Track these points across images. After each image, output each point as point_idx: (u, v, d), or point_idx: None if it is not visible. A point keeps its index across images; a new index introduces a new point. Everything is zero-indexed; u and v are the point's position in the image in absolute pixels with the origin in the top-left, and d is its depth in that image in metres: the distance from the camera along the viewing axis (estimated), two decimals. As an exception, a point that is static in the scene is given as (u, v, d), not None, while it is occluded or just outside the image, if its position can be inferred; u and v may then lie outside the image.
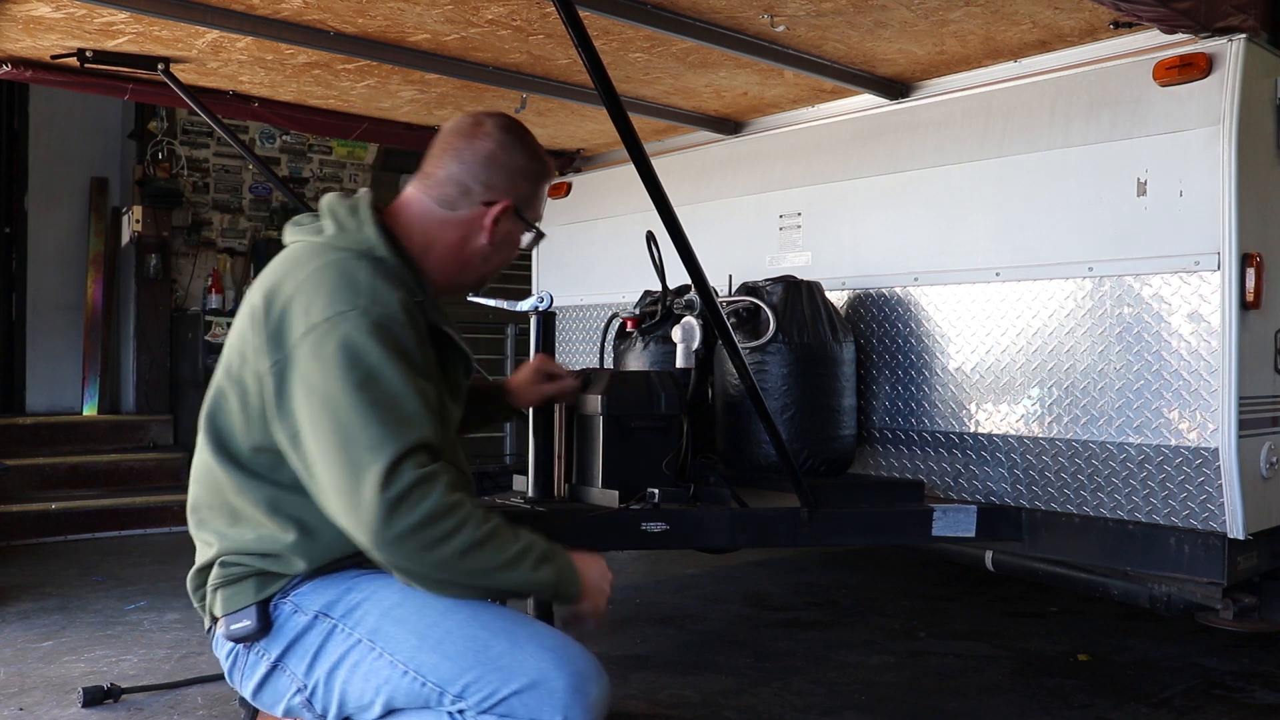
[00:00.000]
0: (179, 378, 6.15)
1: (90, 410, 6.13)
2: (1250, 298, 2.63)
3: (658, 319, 3.38)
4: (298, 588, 1.64)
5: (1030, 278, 3.01)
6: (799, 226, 3.68)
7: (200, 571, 1.72)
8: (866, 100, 3.52)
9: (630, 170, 2.22)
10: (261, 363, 1.59)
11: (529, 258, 4.80)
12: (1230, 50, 2.65)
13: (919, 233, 3.31)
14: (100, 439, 5.92)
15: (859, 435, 3.32)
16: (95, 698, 2.74)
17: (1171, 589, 2.90)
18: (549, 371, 2.35)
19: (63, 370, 6.25)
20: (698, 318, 3.16)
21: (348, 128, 4.13)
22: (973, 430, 3.15)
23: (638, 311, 3.46)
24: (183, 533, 5.54)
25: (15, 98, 6.25)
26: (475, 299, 2.52)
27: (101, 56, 3.21)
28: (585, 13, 2.36)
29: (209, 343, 5.80)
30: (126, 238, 6.22)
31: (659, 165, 2.21)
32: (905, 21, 2.85)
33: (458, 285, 1.83)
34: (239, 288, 6.32)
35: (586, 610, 1.66)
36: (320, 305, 1.55)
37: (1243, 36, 2.64)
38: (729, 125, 4.02)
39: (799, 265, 3.62)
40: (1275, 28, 2.83)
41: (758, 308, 3.11)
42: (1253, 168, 2.67)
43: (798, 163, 3.73)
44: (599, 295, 4.37)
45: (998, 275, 3.10)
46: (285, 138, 6.70)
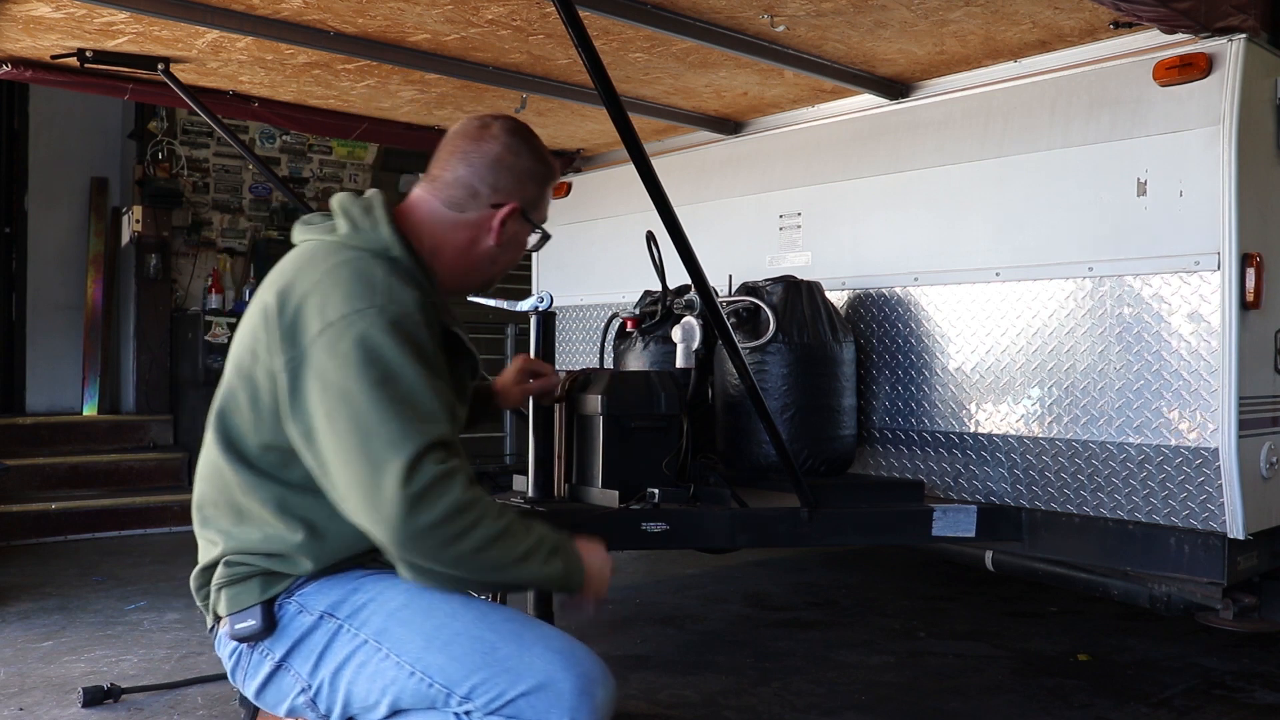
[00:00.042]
0: (179, 378, 6.14)
1: (90, 410, 6.13)
2: (1250, 298, 2.63)
3: (658, 319, 3.38)
4: (302, 588, 1.64)
5: (1030, 278, 3.01)
6: (799, 226, 3.68)
7: (204, 570, 1.72)
8: (866, 100, 3.52)
9: (630, 170, 2.22)
10: (275, 360, 1.59)
11: (530, 258, 4.80)
12: (1230, 50, 2.65)
13: (919, 233, 3.31)
14: (100, 439, 5.92)
15: (859, 435, 3.32)
16: (95, 698, 2.74)
17: (1171, 589, 2.90)
18: (533, 370, 2.36)
19: (63, 370, 6.25)
20: (698, 318, 3.16)
21: (348, 128, 4.12)
22: (973, 430, 3.15)
23: (638, 311, 3.46)
24: (183, 533, 5.57)
25: (15, 98, 6.25)
26: (475, 299, 2.52)
27: (101, 56, 3.21)
28: (585, 13, 2.36)
29: (209, 343, 5.80)
30: (126, 238, 6.22)
31: (659, 165, 2.21)
32: (905, 21, 2.85)
33: (465, 286, 1.86)
34: (239, 288, 6.32)
35: (588, 596, 1.68)
36: (336, 303, 1.56)
37: (1243, 36, 2.64)
38: (729, 125, 4.02)
39: (799, 265, 3.62)
40: (1275, 28, 2.83)
41: (758, 308, 3.11)
42: (1253, 168, 2.67)
43: (798, 163, 3.73)
44: (599, 295, 4.37)
45: (998, 275, 3.10)
46: (285, 138, 6.70)
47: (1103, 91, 2.90)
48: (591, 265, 4.46)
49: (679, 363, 3.18)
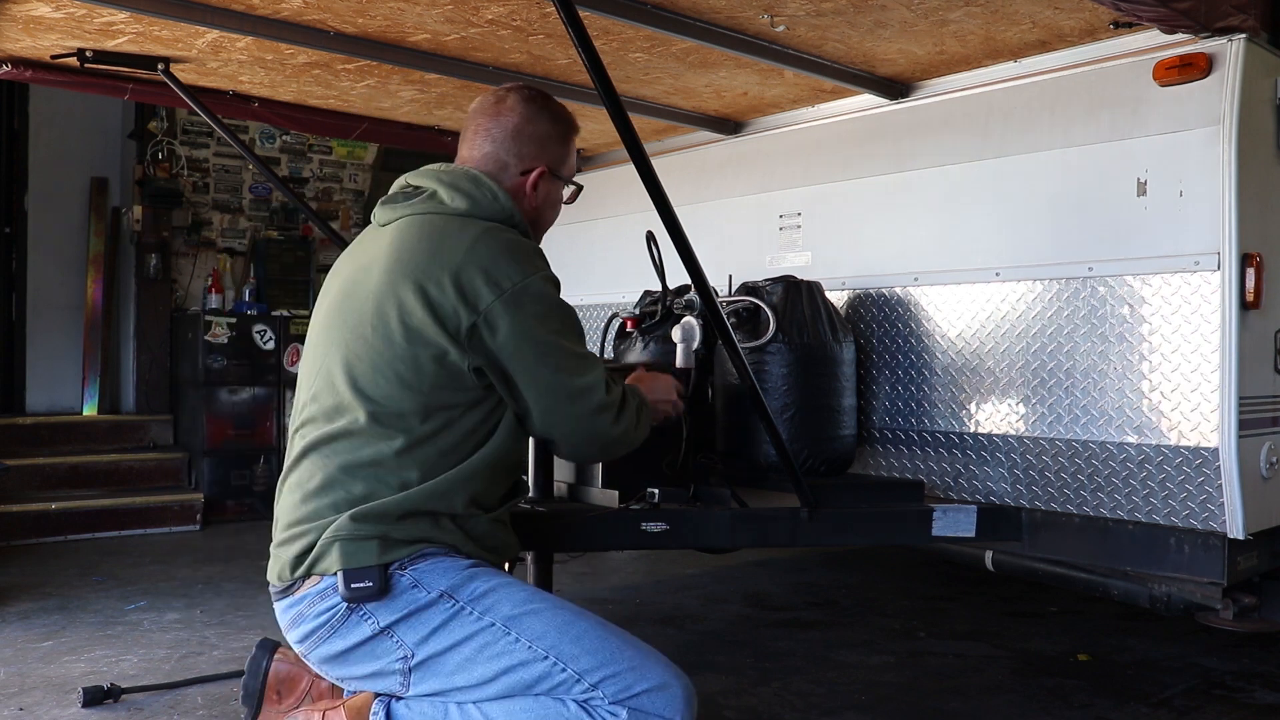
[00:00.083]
0: (179, 378, 6.14)
1: (90, 410, 6.12)
2: (1250, 298, 2.63)
3: (658, 319, 3.37)
4: (416, 563, 1.74)
5: (1030, 278, 3.01)
6: (799, 226, 3.68)
7: (300, 524, 1.77)
8: (866, 100, 3.52)
9: (630, 170, 2.22)
10: (448, 328, 1.74)
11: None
12: (1230, 50, 2.65)
13: (919, 233, 3.31)
14: (100, 439, 5.91)
15: (859, 435, 3.32)
16: (95, 698, 2.74)
17: (1171, 589, 2.90)
18: None
19: (63, 370, 6.25)
20: (698, 318, 3.15)
21: (348, 128, 4.13)
22: (973, 430, 3.15)
23: (638, 311, 3.46)
24: (183, 532, 5.58)
25: (15, 98, 6.24)
26: None
27: (101, 56, 3.21)
28: (585, 13, 2.36)
29: (209, 343, 5.79)
30: (126, 238, 6.22)
31: (659, 165, 2.22)
32: (905, 21, 2.85)
33: None
34: (239, 288, 6.31)
35: (659, 418, 2.18)
36: (506, 271, 1.76)
37: (1243, 36, 2.65)
38: (729, 125, 4.02)
39: (799, 265, 3.62)
40: (1275, 28, 2.83)
41: (758, 308, 3.11)
42: (1253, 168, 2.67)
43: (798, 163, 3.73)
44: (599, 295, 4.37)
45: (998, 275, 3.10)
46: (285, 138, 6.69)
47: (1103, 91, 2.90)
48: (591, 265, 4.46)
49: (679, 363, 3.18)
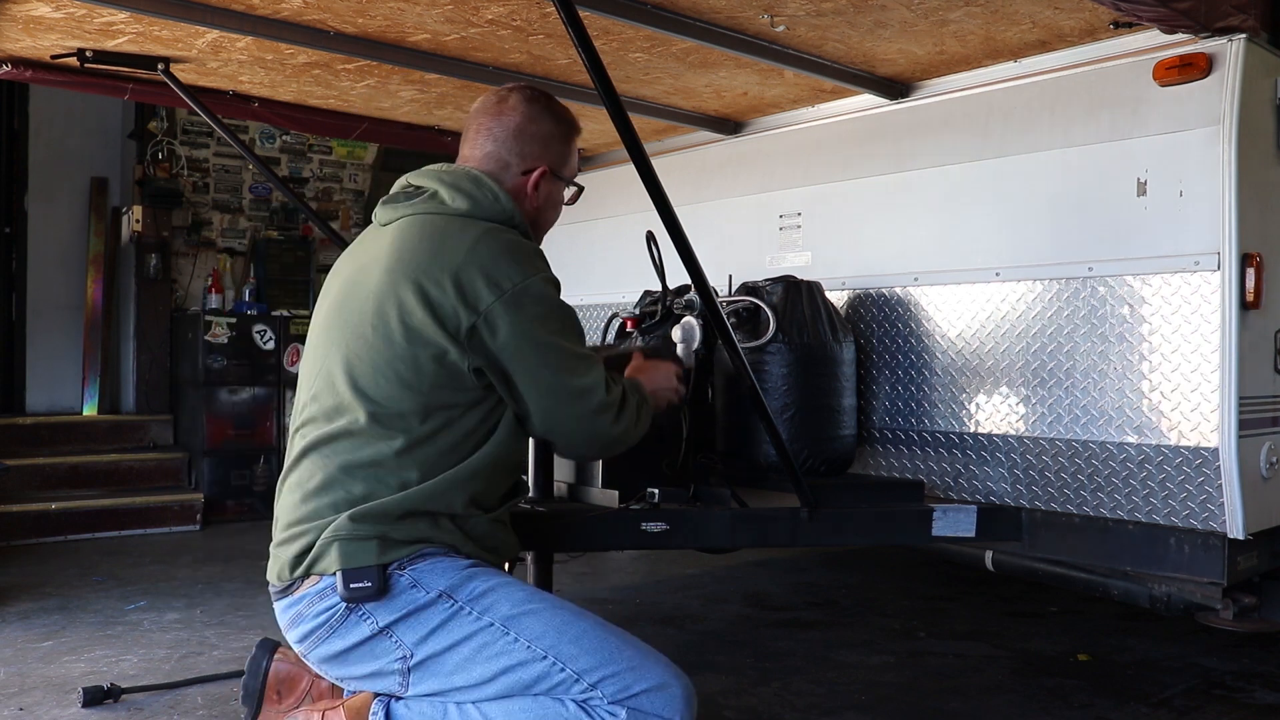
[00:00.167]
0: (179, 378, 6.14)
1: (90, 410, 6.12)
2: (1250, 298, 2.63)
3: (658, 319, 3.37)
4: (415, 563, 1.73)
5: (1030, 278, 3.01)
6: (799, 226, 3.68)
7: (299, 524, 1.77)
8: (866, 100, 3.52)
9: (630, 170, 2.22)
10: (447, 328, 1.73)
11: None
12: (1230, 50, 2.65)
13: (919, 233, 3.30)
14: (100, 439, 5.91)
15: (859, 435, 3.32)
16: (95, 698, 2.74)
17: (1171, 589, 2.90)
18: None
19: (63, 370, 6.25)
20: (698, 318, 3.15)
21: (348, 128, 4.13)
22: (973, 430, 3.15)
23: (638, 311, 3.46)
24: (182, 532, 5.58)
25: (15, 98, 6.24)
26: None
27: (101, 56, 3.21)
28: (585, 13, 2.36)
29: (209, 343, 5.79)
30: (126, 238, 6.22)
31: (659, 165, 2.22)
32: (905, 21, 2.85)
33: None
34: (239, 288, 6.31)
35: (662, 407, 2.19)
36: (507, 271, 1.77)
37: (1243, 36, 2.65)
38: (729, 125, 4.02)
39: (799, 265, 3.62)
40: (1275, 28, 2.83)
41: (758, 308, 3.11)
42: (1253, 168, 2.67)
43: (798, 163, 3.73)
44: (599, 295, 4.37)
45: (998, 275, 3.10)
46: (285, 138, 6.69)
47: (1103, 91, 2.90)
48: (591, 265, 4.46)
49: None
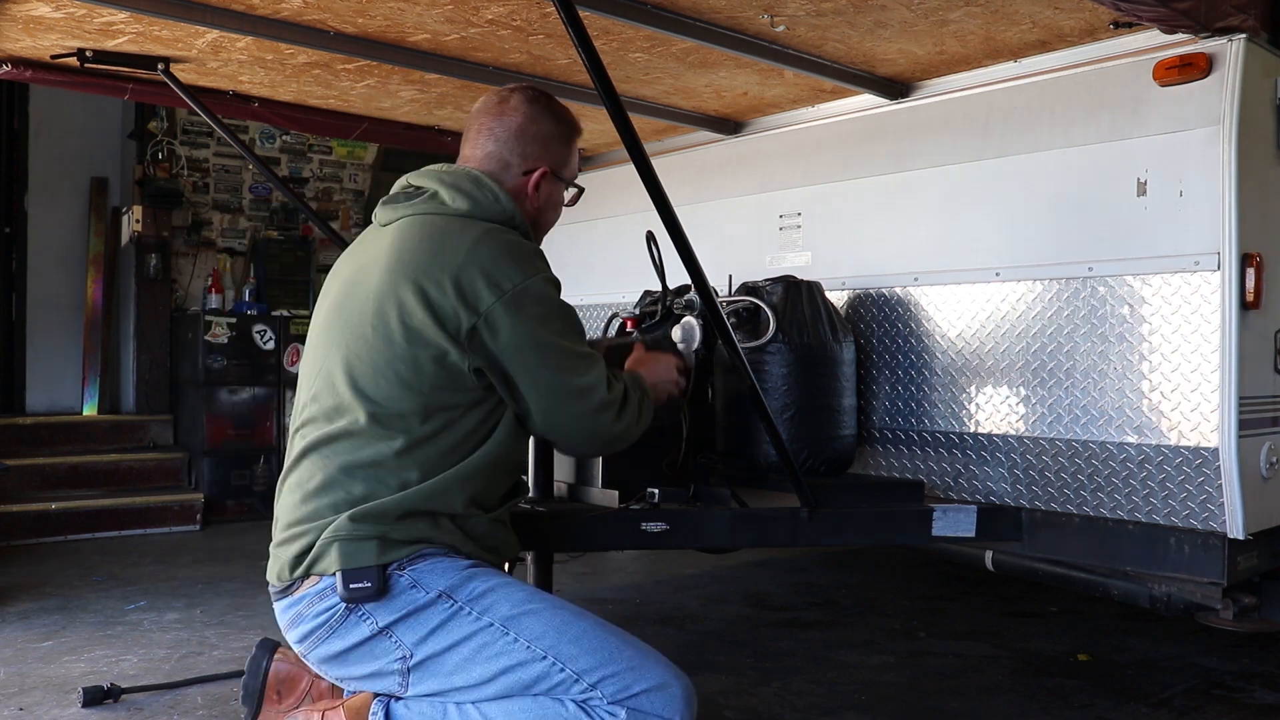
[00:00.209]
0: (179, 378, 6.14)
1: (90, 410, 6.12)
2: (1250, 298, 2.63)
3: (658, 319, 3.37)
4: (415, 563, 1.73)
5: (1030, 278, 3.01)
6: (799, 226, 3.68)
7: (300, 524, 1.77)
8: (866, 100, 3.52)
9: (630, 170, 2.22)
10: (448, 328, 1.73)
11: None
12: (1230, 50, 2.65)
13: (919, 233, 3.30)
14: (100, 439, 5.91)
15: (859, 435, 3.32)
16: (95, 698, 2.74)
17: (1171, 589, 2.90)
18: None
19: (63, 370, 6.25)
20: (698, 318, 3.15)
21: (348, 128, 4.12)
22: (973, 430, 3.15)
23: (638, 311, 3.46)
24: (182, 532, 5.58)
25: (15, 98, 6.24)
26: None
27: (101, 56, 3.21)
28: (585, 13, 2.36)
29: (209, 343, 5.79)
30: (126, 238, 6.21)
31: (659, 165, 2.22)
32: (905, 21, 2.85)
33: None
34: (239, 288, 6.31)
35: (662, 398, 2.22)
36: (507, 272, 1.76)
37: (1243, 36, 2.64)
38: (729, 125, 4.02)
39: (799, 265, 3.62)
40: (1275, 28, 2.83)
41: (758, 308, 3.11)
42: (1253, 168, 2.67)
43: (798, 163, 3.73)
44: (599, 295, 4.37)
45: (998, 275, 3.10)
46: (285, 138, 6.69)
47: (1103, 91, 2.89)
48: (591, 265, 4.46)
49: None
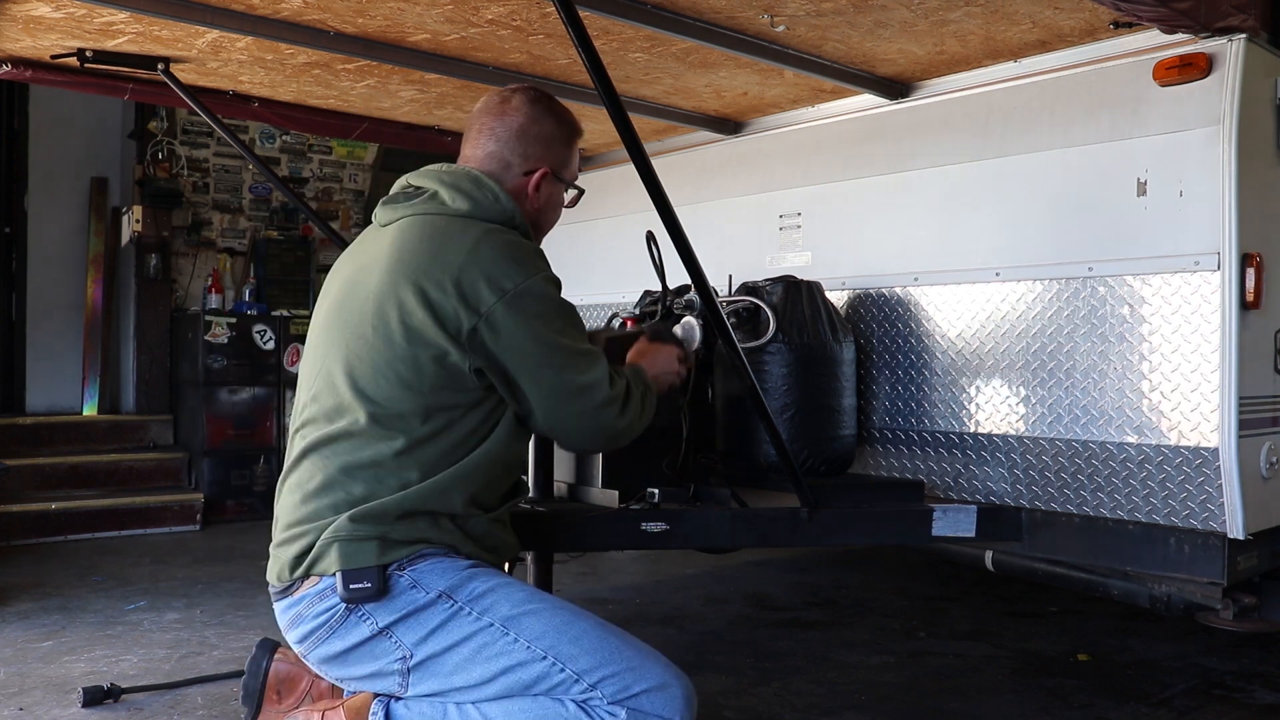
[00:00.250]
0: (179, 378, 6.14)
1: (90, 410, 6.12)
2: (1250, 298, 2.63)
3: (658, 319, 3.37)
4: (415, 564, 1.73)
5: (1030, 278, 3.01)
6: (799, 226, 3.68)
7: (300, 525, 1.77)
8: (866, 100, 3.52)
9: (630, 170, 2.22)
10: (448, 329, 1.74)
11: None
12: (1230, 50, 2.65)
13: (919, 233, 3.30)
14: (100, 439, 5.91)
15: (859, 435, 3.32)
16: (95, 698, 2.74)
17: (1171, 589, 2.90)
18: None
19: (63, 370, 6.25)
20: (698, 318, 3.15)
21: (348, 128, 4.12)
22: (973, 430, 3.15)
23: (638, 311, 3.46)
24: (182, 532, 5.57)
25: (15, 98, 6.24)
26: None
27: (101, 56, 3.21)
28: (585, 13, 2.36)
29: (209, 342, 5.79)
30: (126, 238, 6.22)
31: (659, 165, 2.22)
32: (905, 21, 2.85)
33: None
34: (239, 288, 6.31)
35: (664, 390, 2.21)
36: (508, 272, 1.77)
37: (1243, 36, 2.64)
38: (729, 125, 4.02)
39: (799, 265, 3.62)
40: (1275, 28, 2.83)
41: (758, 308, 3.11)
42: (1253, 168, 2.67)
43: (798, 163, 3.73)
44: (599, 295, 4.37)
45: (998, 275, 3.09)
46: (285, 138, 6.69)
47: (1103, 91, 2.89)
48: (591, 265, 4.46)
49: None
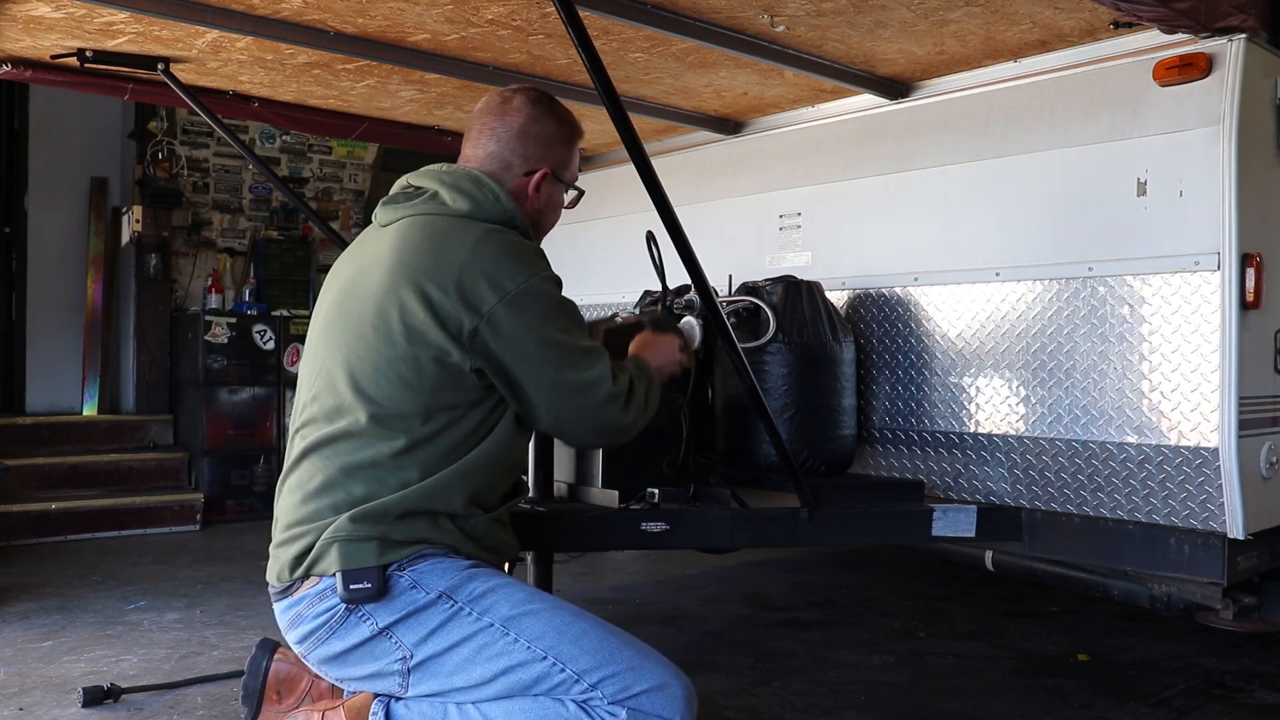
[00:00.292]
0: (179, 378, 6.14)
1: (90, 410, 6.12)
2: (1250, 298, 2.63)
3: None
4: (415, 564, 1.73)
5: (1030, 278, 3.01)
6: (799, 226, 3.68)
7: (300, 525, 1.76)
8: (866, 100, 3.52)
9: (630, 170, 2.22)
10: (449, 329, 1.74)
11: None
12: (1230, 50, 2.65)
13: (919, 233, 3.30)
14: (100, 439, 5.91)
15: (859, 435, 3.32)
16: (95, 698, 2.74)
17: (1171, 589, 2.90)
18: None
19: (63, 370, 6.25)
20: (698, 318, 3.16)
21: (348, 128, 4.12)
22: (973, 430, 3.15)
23: (638, 311, 3.46)
24: (182, 532, 5.57)
25: (15, 98, 6.24)
26: None
27: (101, 56, 3.21)
28: (585, 13, 2.36)
29: (209, 342, 5.79)
30: (126, 238, 6.22)
31: (659, 165, 2.22)
32: (905, 21, 2.85)
33: None
34: (239, 288, 6.31)
35: (668, 377, 2.22)
36: (509, 272, 1.77)
37: (1243, 36, 2.64)
38: (729, 125, 4.02)
39: (799, 265, 3.62)
40: (1275, 28, 2.83)
41: (758, 308, 3.11)
42: (1253, 168, 2.67)
43: (798, 163, 3.73)
44: (599, 295, 4.37)
45: (998, 275, 3.10)
46: (285, 138, 6.69)
47: (1103, 91, 2.89)
48: (591, 265, 4.46)
49: (676, 373, 3.18)
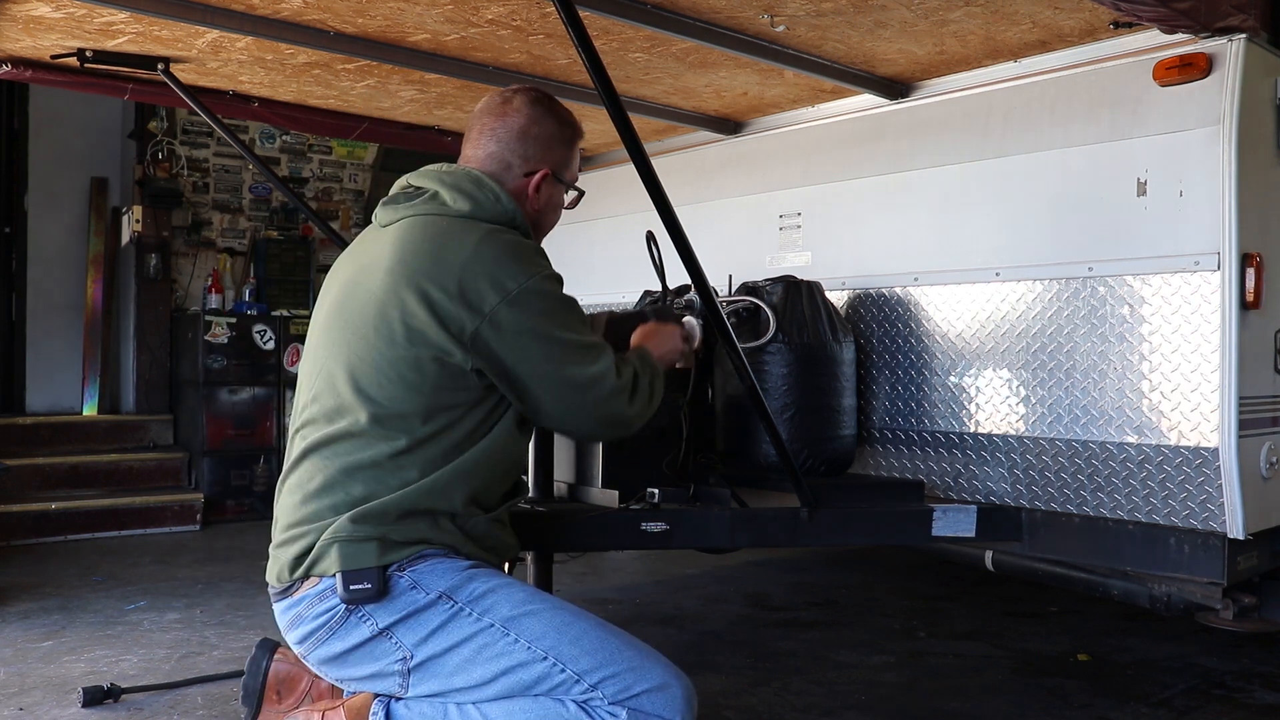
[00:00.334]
0: (179, 377, 6.14)
1: (90, 410, 6.12)
2: (1250, 298, 2.63)
3: (657, 318, 3.37)
4: (414, 564, 1.73)
5: (1030, 278, 3.01)
6: (799, 226, 3.68)
7: (300, 525, 1.76)
8: (866, 100, 3.52)
9: (630, 170, 2.22)
10: (451, 329, 1.73)
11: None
12: (1230, 50, 2.65)
13: (919, 233, 3.30)
14: (100, 439, 5.91)
15: (859, 435, 3.32)
16: (95, 698, 2.74)
17: (1171, 589, 2.90)
18: None
19: (63, 370, 6.25)
20: (698, 318, 3.16)
21: (348, 128, 4.12)
22: (973, 430, 3.15)
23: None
24: (182, 532, 5.57)
25: (15, 98, 6.24)
26: None
27: (101, 56, 3.21)
28: (585, 13, 2.36)
29: (209, 342, 5.79)
30: (126, 238, 6.21)
31: (659, 165, 2.22)
32: (905, 21, 2.85)
33: None
34: (239, 288, 6.31)
35: (671, 366, 2.24)
36: (510, 272, 1.77)
37: (1243, 36, 2.64)
38: (729, 125, 4.02)
39: (799, 265, 3.62)
40: (1275, 28, 2.83)
41: (758, 308, 3.11)
42: (1253, 168, 2.67)
43: (798, 163, 3.73)
44: (599, 295, 4.36)
45: (998, 275, 3.10)
46: (285, 138, 6.69)
47: (1103, 91, 2.89)
48: (591, 265, 4.46)
49: (679, 363, 3.18)
